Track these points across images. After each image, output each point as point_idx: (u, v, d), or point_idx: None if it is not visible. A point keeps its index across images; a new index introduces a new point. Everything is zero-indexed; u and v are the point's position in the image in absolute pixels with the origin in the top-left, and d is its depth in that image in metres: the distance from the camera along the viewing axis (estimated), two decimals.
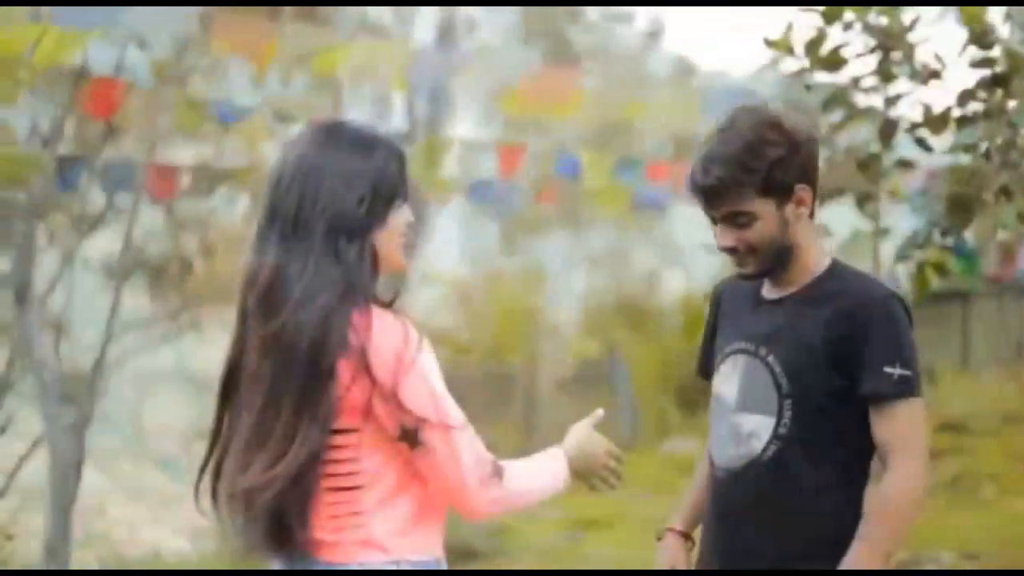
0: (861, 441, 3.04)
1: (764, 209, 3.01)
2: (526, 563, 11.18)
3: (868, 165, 7.45)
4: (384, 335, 2.61)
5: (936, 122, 6.70)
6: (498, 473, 2.68)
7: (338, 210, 2.63)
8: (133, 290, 17.29)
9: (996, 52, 6.37)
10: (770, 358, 3.05)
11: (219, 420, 2.73)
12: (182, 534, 14.75)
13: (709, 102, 9.61)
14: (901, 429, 2.96)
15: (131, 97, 8.58)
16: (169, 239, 16.63)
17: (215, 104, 9.45)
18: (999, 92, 6.28)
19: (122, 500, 17.47)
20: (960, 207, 6.48)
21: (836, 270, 3.13)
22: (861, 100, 7.52)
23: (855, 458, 3.05)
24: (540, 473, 2.82)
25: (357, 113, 14.40)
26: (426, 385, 2.62)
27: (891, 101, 7.36)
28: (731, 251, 3.08)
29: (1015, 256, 13.43)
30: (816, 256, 3.13)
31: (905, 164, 7.50)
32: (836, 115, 7.43)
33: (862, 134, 7.60)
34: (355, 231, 2.64)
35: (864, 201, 7.56)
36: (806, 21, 7.43)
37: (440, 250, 25.46)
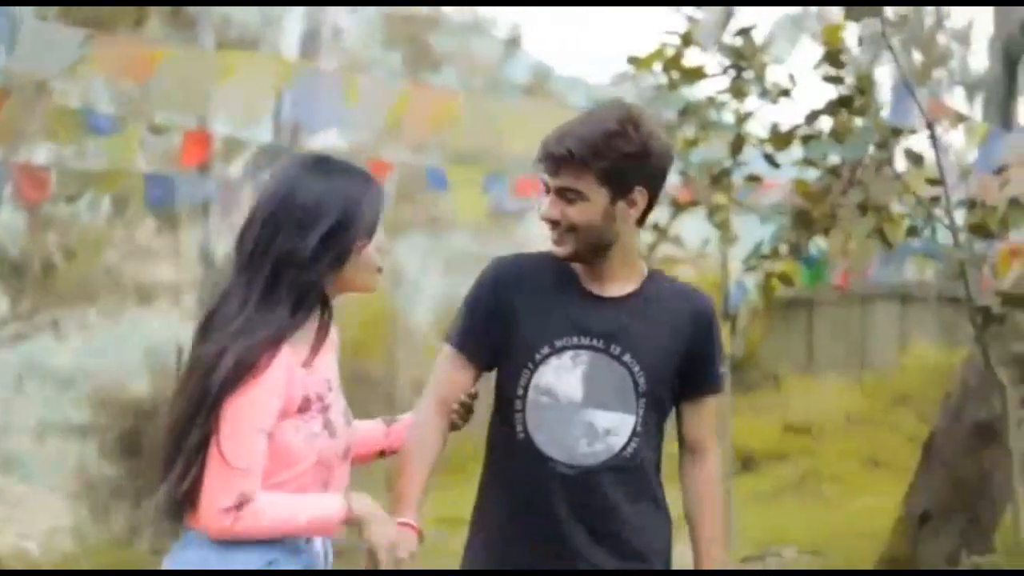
0: (662, 437, 3.26)
1: (596, 195, 3.07)
2: None
3: (719, 179, 7.81)
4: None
5: (780, 139, 6.92)
6: (240, 507, 2.80)
7: (289, 250, 2.82)
8: None
9: (847, 73, 6.53)
10: (626, 357, 3.13)
11: None
12: (30, 537, 14.52)
13: (569, 114, 9.82)
14: (713, 420, 3.29)
15: None
16: (31, 240, 16.43)
17: (88, 113, 9.39)
18: (845, 112, 6.46)
19: None
20: (804, 222, 6.74)
21: (656, 273, 3.27)
22: (714, 117, 7.86)
23: (660, 452, 3.26)
24: (303, 509, 2.88)
25: (224, 124, 14.32)
26: (236, 414, 2.79)
27: (742, 118, 7.73)
28: (553, 224, 3.12)
29: (861, 265, 13.87)
30: (639, 260, 3.25)
31: (754, 179, 7.85)
32: (690, 129, 7.78)
33: (717, 151, 7.95)
34: (305, 267, 2.83)
35: (715, 213, 7.92)
36: (668, 40, 7.77)
37: None
